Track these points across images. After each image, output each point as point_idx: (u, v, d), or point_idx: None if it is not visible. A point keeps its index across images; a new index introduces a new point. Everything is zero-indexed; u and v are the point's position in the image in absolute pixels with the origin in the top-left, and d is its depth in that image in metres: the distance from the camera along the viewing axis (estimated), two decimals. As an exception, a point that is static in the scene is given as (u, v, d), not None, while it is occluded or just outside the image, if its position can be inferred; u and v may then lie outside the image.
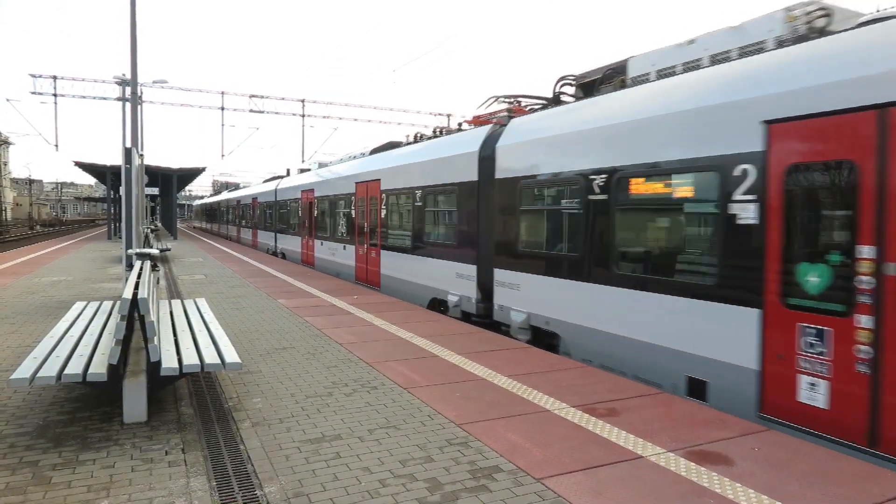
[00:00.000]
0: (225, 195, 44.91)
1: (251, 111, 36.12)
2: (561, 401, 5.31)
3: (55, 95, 31.82)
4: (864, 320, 4.52)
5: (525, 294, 8.63)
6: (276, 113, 36.87)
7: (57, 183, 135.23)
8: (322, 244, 18.38)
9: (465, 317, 10.30)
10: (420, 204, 11.95)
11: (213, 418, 4.78)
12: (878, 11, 5.64)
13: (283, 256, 23.73)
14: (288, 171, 31.14)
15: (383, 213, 13.67)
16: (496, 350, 7.23)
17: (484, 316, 9.79)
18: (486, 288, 9.82)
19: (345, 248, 16.31)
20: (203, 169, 35.35)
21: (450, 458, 4.09)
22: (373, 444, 4.32)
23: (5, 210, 74.27)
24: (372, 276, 14.37)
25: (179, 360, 4.78)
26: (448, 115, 40.06)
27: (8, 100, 32.93)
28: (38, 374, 4.25)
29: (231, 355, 4.95)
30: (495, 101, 10.94)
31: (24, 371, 4.31)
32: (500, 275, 9.20)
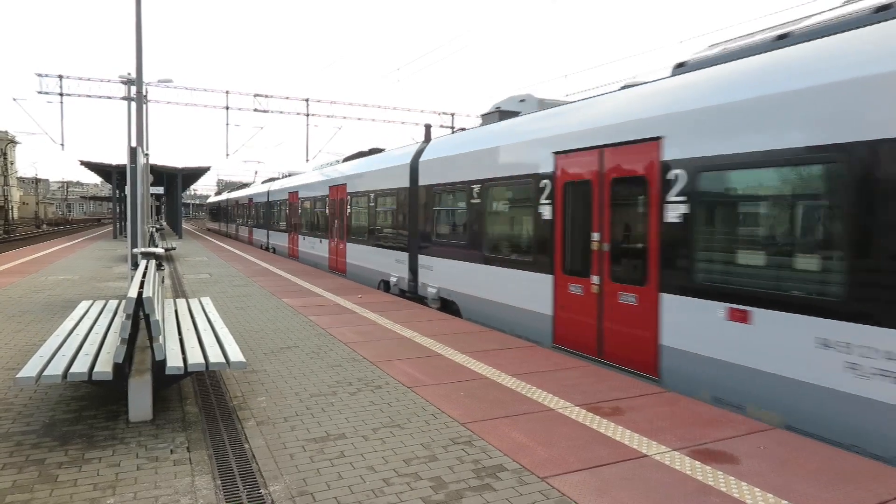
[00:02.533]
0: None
1: (255, 110, 36.14)
2: (565, 400, 5.30)
3: (61, 95, 31.92)
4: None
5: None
6: (281, 112, 36.88)
7: (63, 182, 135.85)
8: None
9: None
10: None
11: (217, 417, 4.79)
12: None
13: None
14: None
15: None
16: (500, 349, 7.23)
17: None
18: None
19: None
20: (208, 168, 35.45)
21: (454, 456, 4.09)
22: (377, 442, 4.33)
23: (12, 209, 74.66)
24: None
25: (184, 359, 4.79)
26: (452, 115, 40.00)
27: (14, 99, 33.03)
28: (45, 373, 4.26)
29: (236, 354, 4.96)
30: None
31: (30, 370, 4.32)
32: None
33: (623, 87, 7.42)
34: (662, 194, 6.28)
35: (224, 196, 51.48)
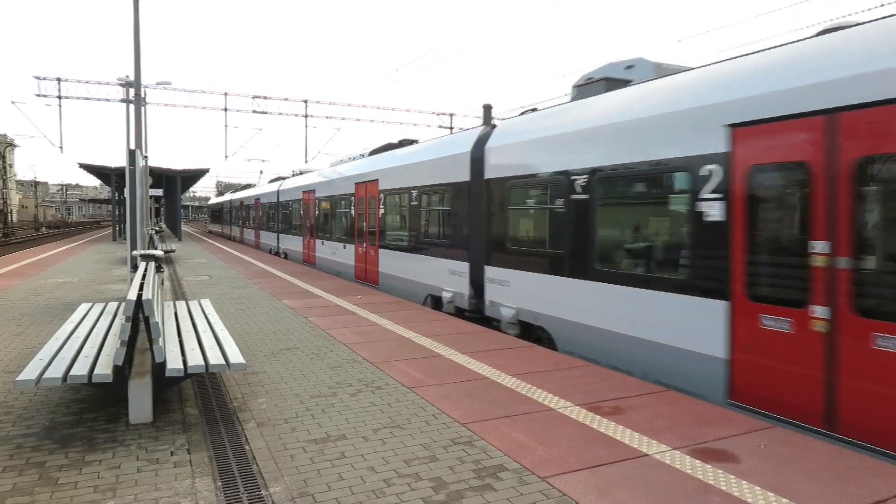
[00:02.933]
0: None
1: (254, 112, 36.16)
2: (566, 399, 5.30)
3: (59, 97, 31.92)
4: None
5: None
6: (280, 114, 36.90)
7: (62, 185, 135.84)
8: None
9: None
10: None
11: (218, 419, 4.79)
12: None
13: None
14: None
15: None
16: (501, 349, 7.23)
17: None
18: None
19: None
20: (207, 170, 35.43)
21: (454, 457, 4.09)
22: (377, 443, 4.33)
23: (11, 212, 74.66)
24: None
25: (184, 361, 4.79)
26: (451, 115, 40.01)
27: (13, 102, 33.03)
28: (45, 376, 4.26)
29: (235, 356, 4.96)
30: None
31: (30, 372, 4.32)
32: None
33: (827, 31, 5.36)
34: None
35: (227, 197, 48.93)
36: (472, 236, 10.10)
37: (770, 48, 5.75)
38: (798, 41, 5.51)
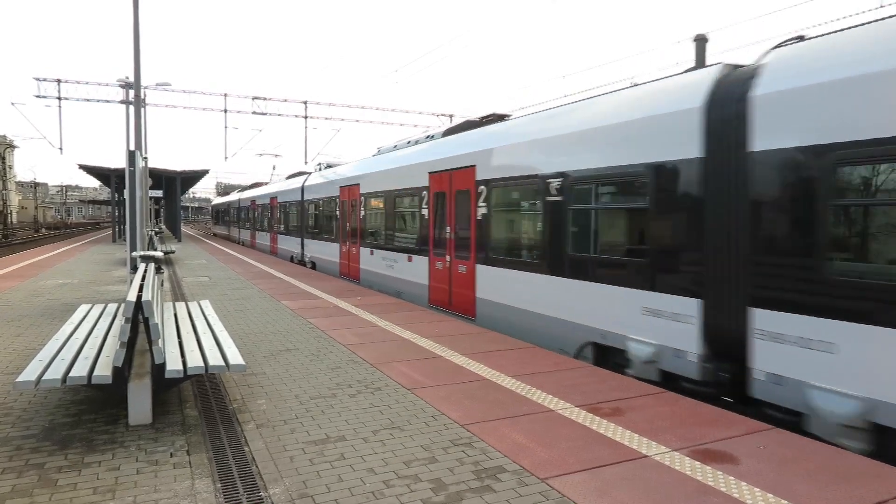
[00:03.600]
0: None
1: (254, 113, 36.14)
2: (565, 400, 5.30)
3: (59, 98, 31.91)
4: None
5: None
6: (279, 115, 36.89)
7: (62, 186, 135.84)
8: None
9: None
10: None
11: (217, 420, 4.79)
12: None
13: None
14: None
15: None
16: (501, 350, 7.22)
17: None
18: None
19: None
20: (206, 171, 35.41)
21: (454, 458, 4.09)
22: (377, 445, 4.32)
23: (11, 213, 74.64)
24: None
25: (184, 362, 4.78)
26: (450, 116, 40.02)
27: (13, 103, 33.02)
28: (44, 377, 4.26)
29: (235, 357, 4.95)
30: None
31: (29, 373, 4.32)
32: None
33: None
34: None
35: (234, 196, 43.45)
36: (720, 255, 6.02)
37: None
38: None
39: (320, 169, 22.18)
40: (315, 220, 20.19)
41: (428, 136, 13.65)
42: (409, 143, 14.44)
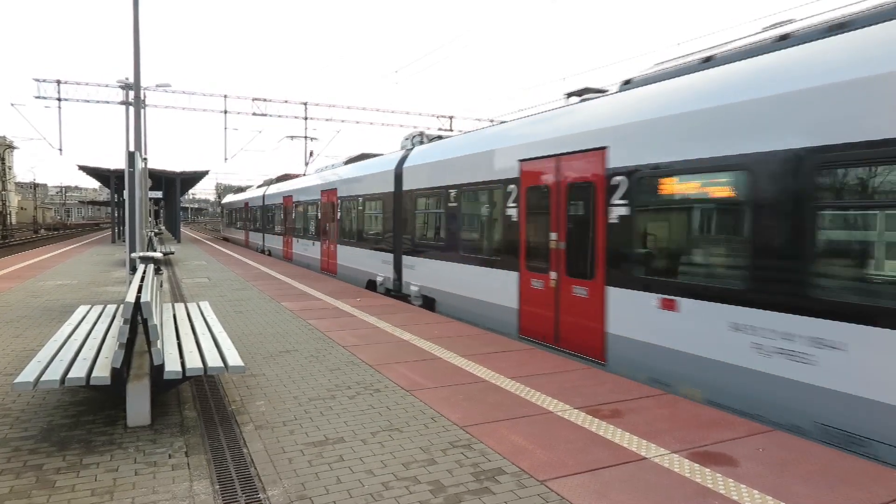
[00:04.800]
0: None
1: (254, 114, 36.18)
2: (565, 402, 5.29)
3: (59, 99, 31.92)
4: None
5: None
6: (279, 116, 36.93)
7: (61, 187, 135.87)
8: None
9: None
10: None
11: (216, 421, 4.78)
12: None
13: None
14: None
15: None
16: (500, 352, 7.22)
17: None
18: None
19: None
20: (206, 172, 35.41)
21: (453, 460, 4.08)
22: (376, 446, 4.32)
23: (10, 214, 74.63)
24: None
25: (182, 364, 4.78)
26: (450, 118, 40.02)
27: (12, 104, 33.02)
28: (42, 378, 4.25)
29: (234, 358, 4.95)
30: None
31: (28, 375, 4.31)
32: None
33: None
34: None
35: (256, 192, 32.89)
36: None
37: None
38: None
39: (421, 142, 13.77)
40: (437, 226, 11.62)
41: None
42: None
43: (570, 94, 9.14)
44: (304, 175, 25.09)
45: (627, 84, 7.58)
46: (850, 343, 4.71)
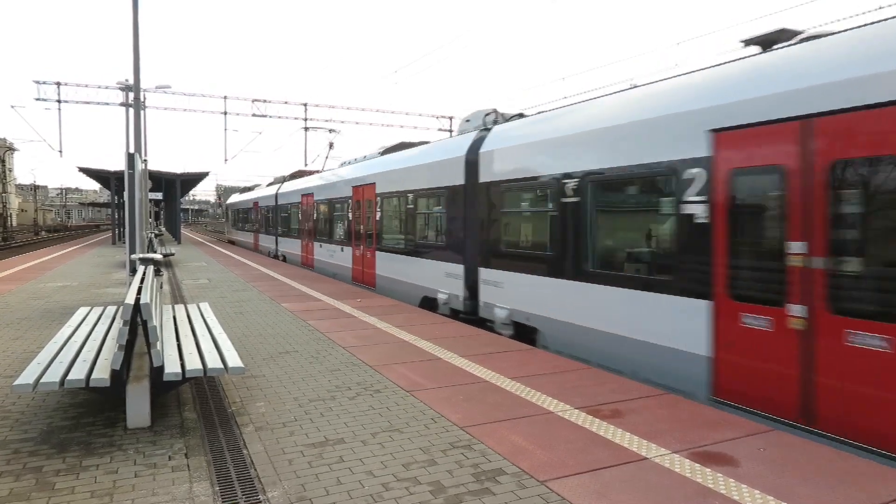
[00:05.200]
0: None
1: (254, 115, 36.22)
2: (565, 402, 5.28)
3: (59, 101, 31.95)
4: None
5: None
6: (279, 117, 36.95)
7: (62, 188, 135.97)
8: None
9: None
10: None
11: (216, 423, 4.78)
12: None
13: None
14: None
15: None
16: (501, 352, 7.21)
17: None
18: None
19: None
20: (206, 174, 35.46)
21: (453, 460, 4.08)
22: (376, 447, 4.31)
23: (10, 216, 74.65)
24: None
25: (182, 365, 4.77)
26: (450, 118, 40.04)
27: (12, 106, 33.06)
28: (42, 380, 4.25)
29: (234, 359, 4.94)
30: None
31: (27, 376, 4.31)
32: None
33: None
34: None
35: (269, 190, 28.70)
36: None
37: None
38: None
39: (495, 121, 11.06)
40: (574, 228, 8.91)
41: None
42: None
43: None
44: (323, 171, 21.86)
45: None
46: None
